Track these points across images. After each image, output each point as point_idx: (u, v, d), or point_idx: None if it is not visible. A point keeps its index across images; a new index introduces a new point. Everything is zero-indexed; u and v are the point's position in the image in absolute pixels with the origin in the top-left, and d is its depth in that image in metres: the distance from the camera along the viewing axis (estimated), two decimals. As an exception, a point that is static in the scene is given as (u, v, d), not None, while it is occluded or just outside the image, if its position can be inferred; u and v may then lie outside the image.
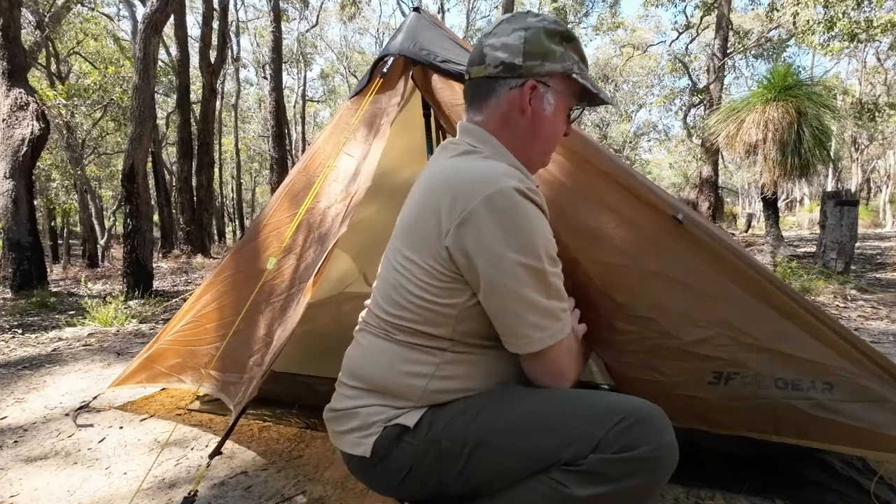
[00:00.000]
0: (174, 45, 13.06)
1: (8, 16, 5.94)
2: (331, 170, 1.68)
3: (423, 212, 0.90)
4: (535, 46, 0.93)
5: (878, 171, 27.90)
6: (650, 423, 0.82)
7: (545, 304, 0.85)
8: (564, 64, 0.95)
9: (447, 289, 0.88)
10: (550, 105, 0.95)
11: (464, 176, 0.88)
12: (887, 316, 4.00)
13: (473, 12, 25.18)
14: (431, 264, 0.87)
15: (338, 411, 0.99)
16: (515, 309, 0.84)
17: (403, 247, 0.92)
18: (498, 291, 0.84)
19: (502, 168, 0.88)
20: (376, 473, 0.95)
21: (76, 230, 19.90)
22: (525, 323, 0.85)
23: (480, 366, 0.94)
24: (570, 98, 0.99)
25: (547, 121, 0.96)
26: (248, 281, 1.80)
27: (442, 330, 0.90)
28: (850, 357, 1.23)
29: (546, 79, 0.94)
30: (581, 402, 0.88)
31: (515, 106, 0.95)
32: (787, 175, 7.14)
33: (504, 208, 0.82)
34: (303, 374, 2.07)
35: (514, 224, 0.82)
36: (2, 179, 5.85)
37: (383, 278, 0.98)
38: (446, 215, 0.85)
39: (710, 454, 1.48)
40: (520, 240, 0.83)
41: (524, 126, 0.96)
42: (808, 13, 10.51)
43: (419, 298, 0.89)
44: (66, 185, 13.73)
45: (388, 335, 0.94)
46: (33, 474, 1.68)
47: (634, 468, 0.79)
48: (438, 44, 1.68)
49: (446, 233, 0.85)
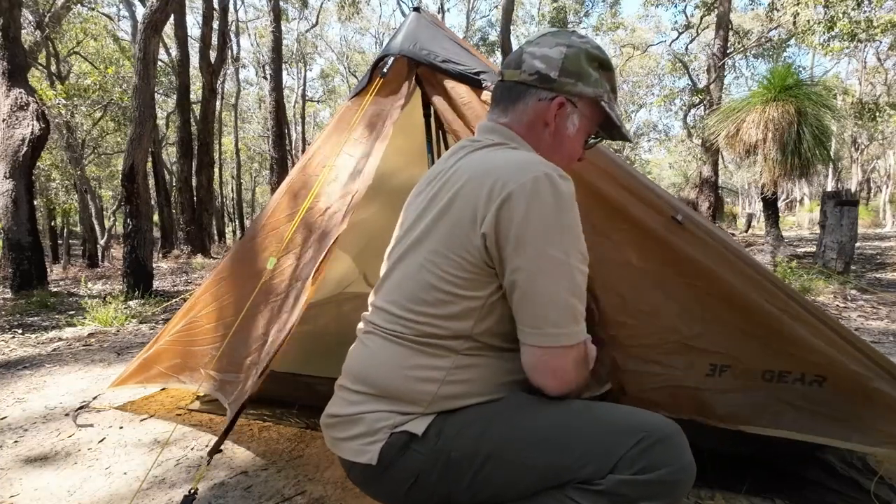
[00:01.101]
0: (174, 45, 13.06)
1: (8, 16, 5.94)
2: (330, 170, 1.68)
3: (457, 203, 0.87)
4: (574, 65, 0.93)
5: (878, 171, 27.91)
6: (671, 442, 0.79)
7: (568, 301, 0.82)
8: (597, 90, 0.95)
9: (474, 280, 0.86)
10: (574, 125, 0.96)
11: (501, 163, 0.87)
12: (887, 316, 4.00)
13: (473, 12, 25.18)
14: (462, 255, 0.85)
15: (339, 417, 0.95)
16: (541, 298, 0.82)
17: (429, 242, 0.90)
18: (527, 278, 0.81)
19: (539, 158, 0.88)
20: (381, 482, 0.92)
21: (76, 230, 19.92)
22: (545, 314, 0.82)
23: (492, 370, 0.91)
24: (593, 124, 0.99)
25: (567, 139, 0.96)
26: (247, 281, 1.80)
27: (462, 326, 0.87)
28: (847, 353, 1.24)
29: (576, 99, 0.95)
30: (598, 416, 0.85)
31: (540, 117, 0.95)
32: (787, 175, 7.14)
33: (546, 193, 0.80)
34: (303, 374, 2.07)
35: (555, 212, 0.80)
36: (2, 179, 5.85)
37: (399, 276, 0.94)
38: (484, 202, 0.83)
39: (710, 454, 1.48)
40: (559, 230, 0.81)
41: (546, 139, 0.96)
42: (808, 13, 10.51)
43: (444, 293, 0.86)
44: (66, 185, 13.74)
45: (400, 337, 0.91)
46: (33, 474, 1.68)
47: (653, 490, 0.77)
48: (438, 44, 1.68)
49: (482, 219, 0.83)
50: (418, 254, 0.90)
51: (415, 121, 1.98)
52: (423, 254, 0.90)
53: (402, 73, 1.68)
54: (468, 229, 0.84)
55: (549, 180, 0.81)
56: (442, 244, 0.87)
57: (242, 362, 1.66)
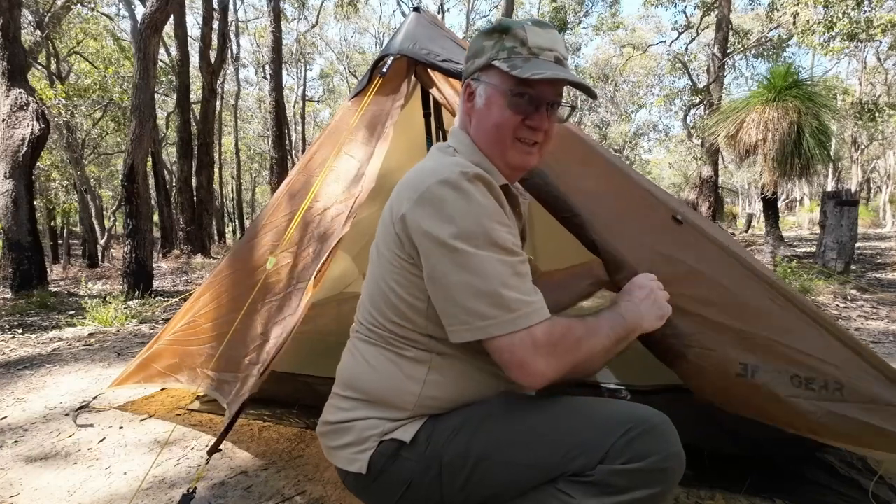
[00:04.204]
0: (174, 45, 13.05)
1: (8, 16, 5.94)
2: (331, 171, 1.69)
3: (385, 210, 0.94)
4: (473, 49, 0.98)
5: (878, 171, 27.89)
6: (658, 432, 0.81)
7: (488, 290, 0.80)
8: (490, 55, 0.94)
9: (411, 279, 0.89)
10: (482, 97, 0.96)
11: (416, 171, 0.93)
12: (887, 316, 4.00)
13: (473, 12, 25.18)
14: (396, 253, 0.89)
15: (331, 424, 0.98)
16: (453, 294, 0.82)
17: (379, 246, 0.95)
18: (436, 277, 0.83)
19: (454, 161, 0.91)
20: (373, 490, 0.93)
21: (76, 230, 19.91)
22: (464, 309, 0.82)
23: (470, 370, 0.92)
24: (502, 85, 0.93)
25: (482, 113, 0.96)
26: (246, 281, 1.80)
27: (418, 326, 0.90)
28: (852, 359, 1.22)
29: (477, 74, 0.97)
30: (586, 411, 0.86)
31: (465, 106, 1.00)
32: (787, 175, 7.15)
33: (443, 195, 0.83)
34: (303, 374, 2.07)
35: (453, 209, 0.82)
36: (2, 179, 5.85)
37: (368, 281, 0.99)
38: (396, 207, 0.88)
39: (710, 454, 1.48)
40: (457, 224, 0.82)
41: (474, 122, 0.99)
42: (808, 13, 10.50)
43: (392, 293, 0.91)
44: (66, 185, 13.73)
45: (377, 341, 0.94)
46: (33, 474, 1.68)
47: (643, 479, 0.79)
48: (438, 43, 1.68)
49: (396, 223, 0.88)
50: (372, 260, 0.97)
51: (415, 120, 1.99)
52: (374, 258, 0.96)
53: (401, 73, 1.68)
54: (391, 233, 0.90)
55: (451, 180, 0.84)
56: (384, 246, 0.92)
57: (240, 362, 1.66)
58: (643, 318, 0.93)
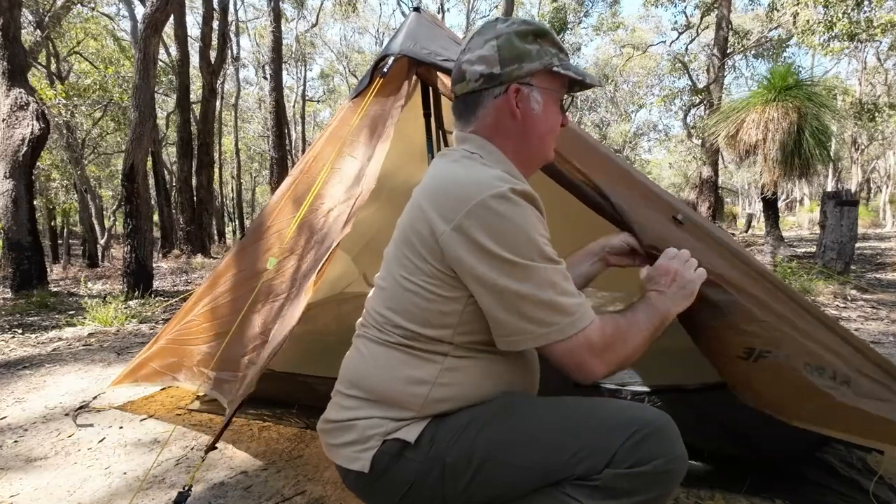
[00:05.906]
0: (174, 45, 13.05)
1: (8, 16, 5.94)
2: (332, 171, 1.68)
3: (419, 215, 0.90)
4: (510, 51, 0.94)
5: (878, 171, 27.90)
6: (662, 435, 0.81)
7: (546, 299, 0.83)
8: (543, 60, 0.95)
9: (448, 288, 0.88)
10: (538, 103, 0.96)
11: (456, 180, 0.89)
12: (887, 316, 4.01)
13: (473, 12, 25.16)
14: (432, 263, 0.87)
15: (334, 422, 0.97)
16: (514, 306, 0.83)
17: (405, 250, 0.92)
18: (492, 290, 0.83)
19: (495, 173, 0.89)
20: (375, 489, 0.93)
21: (76, 230, 19.91)
22: (525, 318, 0.83)
23: (482, 372, 0.92)
24: (558, 90, 0.99)
25: (539, 118, 0.97)
26: (246, 281, 1.80)
27: (444, 333, 0.89)
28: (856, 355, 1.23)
29: (528, 79, 0.95)
30: (591, 413, 0.87)
31: (505, 112, 0.96)
32: (787, 175, 7.15)
33: (497, 210, 0.82)
34: (303, 374, 2.07)
35: (505, 227, 0.83)
36: (2, 179, 5.85)
37: (385, 282, 0.97)
38: (441, 219, 0.85)
39: (710, 454, 1.48)
40: (513, 239, 0.83)
41: (516, 129, 0.97)
42: (807, 13, 10.50)
43: (422, 299, 0.89)
44: (66, 185, 13.72)
45: (389, 341, 0.93)
46: (33, 474, 1.68)
47: (648, 482, 0.79)
48: (439, 43, 1.68)
49: (441, 234, 0.85)
50: (400, 263, 0.93)
51: (415, 121, 1.98)
52: (402, 262, 0.92)
53: (402, 73, 1.68)
54: (431, 242, 0.87)
55: (500, 196, 0.83)
56: (415, 254, 0.90)
57: (239, 361, 1.66)
58: (672, 305, 0.97)
